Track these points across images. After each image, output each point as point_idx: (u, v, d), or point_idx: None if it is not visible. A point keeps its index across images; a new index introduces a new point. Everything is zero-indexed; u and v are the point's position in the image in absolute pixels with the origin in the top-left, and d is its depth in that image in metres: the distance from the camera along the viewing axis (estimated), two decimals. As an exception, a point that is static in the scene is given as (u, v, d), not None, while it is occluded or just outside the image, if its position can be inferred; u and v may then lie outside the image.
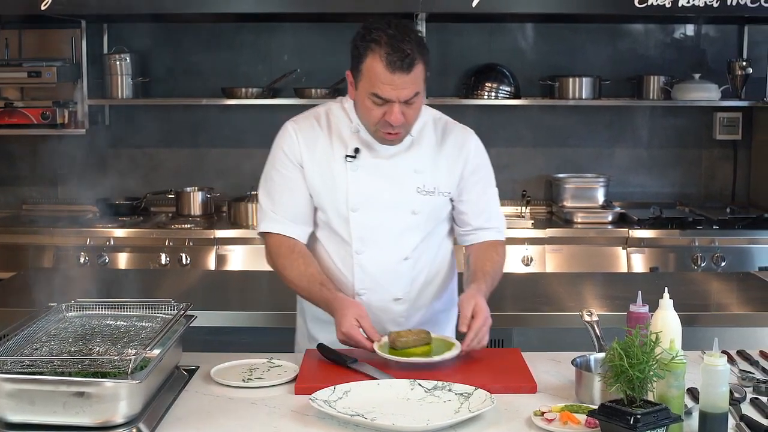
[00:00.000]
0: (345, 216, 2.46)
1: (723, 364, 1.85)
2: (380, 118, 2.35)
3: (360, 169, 2.45)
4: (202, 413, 2.02)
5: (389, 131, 2.37)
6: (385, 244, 2.47)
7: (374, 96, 2.33)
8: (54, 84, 4.73)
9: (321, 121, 2.52)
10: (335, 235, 2.49)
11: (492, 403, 1.97)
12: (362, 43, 2.37)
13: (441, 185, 2.49)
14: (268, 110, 5.10)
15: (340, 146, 2.47)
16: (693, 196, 5.17)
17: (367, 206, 2.45)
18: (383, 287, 2.49)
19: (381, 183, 2.45)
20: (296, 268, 2.47)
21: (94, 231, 4.57)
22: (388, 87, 2.30)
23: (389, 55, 2.29)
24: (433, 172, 2.48)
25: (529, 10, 4.60)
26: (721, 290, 3.52)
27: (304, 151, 2.48)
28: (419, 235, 2.49)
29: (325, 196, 2.47)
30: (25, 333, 2.08)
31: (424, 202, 2.47)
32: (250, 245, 4.53)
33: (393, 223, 2.46)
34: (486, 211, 2.57)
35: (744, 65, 4.85)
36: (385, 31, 2.35)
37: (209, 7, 4.49)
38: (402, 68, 2.28)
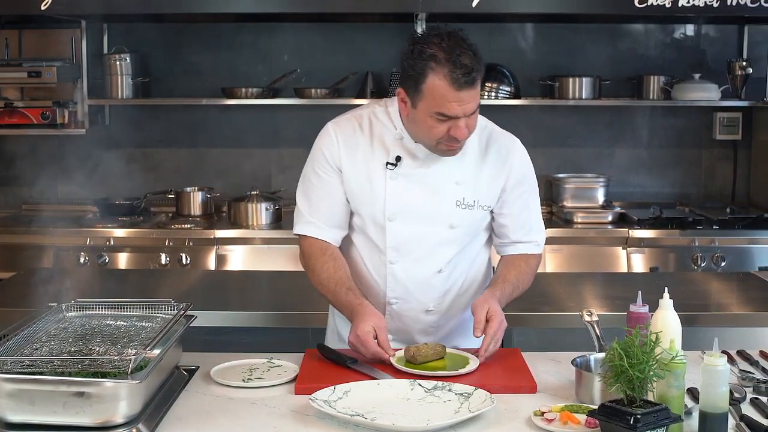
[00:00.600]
0: (381, 224, 2.42)
1: (723, 364, 1.85)
2: (444, 134, 2.27)
3: (400, 178, 2.40)
4: (202, 413, 2.02)
5: (453, 145, 2.31)
6: (420, 255, 2.43)
7: (439, 115, 2.24)
8: (54, 84, 4.73)
9: (363, 125, 2.45)
10: (370, 242, 2.46)
11: (492, 403, 1.97)
12: (419, 62, 2.22)
13: (481, 198, 2.43)
14: (268, 110, 5.10)
15: (381, 152, 2.41)
16: (693, 196, 5.17)
17: (405, 216, 2.40)
18: (415, 298, 2.47)
19: (420, 194, 2.40)
20: (325, 271, 2.43)
21: (94, 231, 4.57)
22: (455, 104, 2.22)
23: (453, 73, 2.19)
24: (474, 184, 2.42)
25: (529, 10, 4.60)
26: (721, 290, 3.52)
27: (343, 154, 2.43)
28: (455, 249, 2.45)
29: (362, 202, 2.43)
30: (25, 333, 2.08)
31: (463, 216, 2.42)
32: (250, 245, 4.54)
33: (429, 235, 2.42)
34: (527, 224, 2.51)
35: (744, 65, 4.85)
36: (440, 45, 2.21)
37: (209, 7, 4.49)
38: (468, 84, 2.20)
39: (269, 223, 4.69)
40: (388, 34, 5.05)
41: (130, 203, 4.96)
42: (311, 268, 2.48)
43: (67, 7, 4.43)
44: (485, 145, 2.46)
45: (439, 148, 2.34)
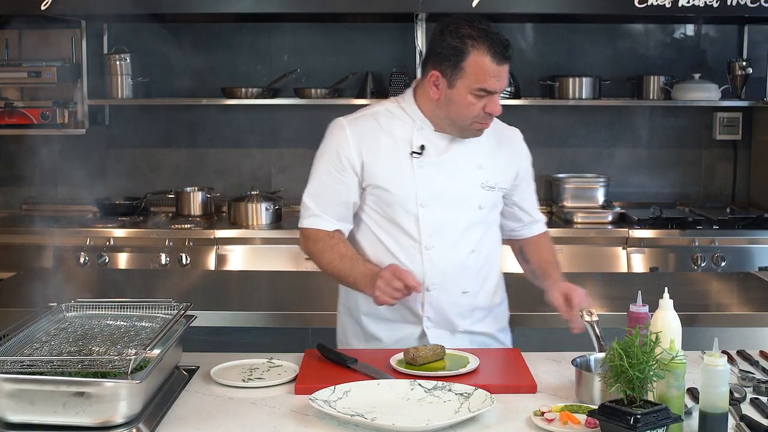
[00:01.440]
0: (414, 212, 2.47)
1: (723, 364, 1.85)
2: (480, 111, 2.38)
3: (426, 166, 2.47)
4: (202, 413, 2.02)
5: (486, 122, 2.43)
6: (454, 239, 2.50)
7: (480, 90, 2.35)
8: (54, 84, 4.73)
9: (381, 120, 2.51)
10: (402, 233, 2.49)
11: (492, 403, 1.97)
12: (460, 41, 2.34)
13: (500, 181, 2.56)
14: (268, 110, 5.11)
15: (404, 144, 2.48)
16: (693, 196, 5.17)
17: (436, 202, 2.47)
18: (452, 281, 2.52)
19: (447, 179, 2.48)
20: (337, 251, 2.49)
21: (94, 231, 4.57)
22: (495, 79, 2.34)
23: (493, 48, 2.33)
24: (493, 167, 2.54)
25: (529, 10, 4.60)
26: (721, 290, 3.52)
27: (364, 150, 2.47)
28: (483, 229, 2.55)
29: (392, 193, 2.47)
30: (25, 333, 2.08)
31: (488, 197, 2.54)
32: (250, 245, 4.54)
33: (461, 218, 2.50)
34: (535, 205, 2.73)
35: (744, 65, 4.85)
36: (472, 26, 2.35)
37: (209, 7, 4.49)
38: (506, 58, 2.35)
39: (269, 223, 4.69)
40: (388, 34, 5.05)
41: (130, 203, 4.96)
42: (319, 251, 2.52)
43: (67, 7, 4.43)
44: (494, 133, 2.56)
45: (472, 128, 2.44)
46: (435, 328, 2.53)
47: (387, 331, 2.56)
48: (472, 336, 2.58)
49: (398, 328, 2.55)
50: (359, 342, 2.62)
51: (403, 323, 2.55)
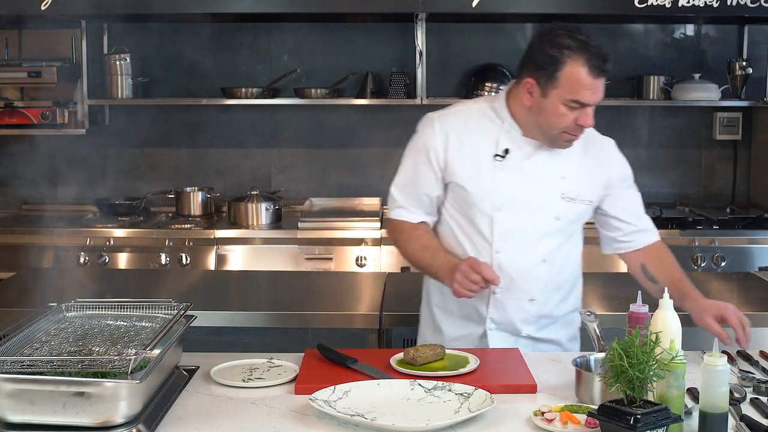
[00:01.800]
0: (489, 214, 2.49)
1: (723, 364, 1.85)
2: (571, 122, 2.37)
3: (508, 170, 2.48)
4: (202, 413, 2.02)
5: (576, 134, 2.42)
6: (525, 245, 2.50)
7: (573, 102, 2.34)
8: (54, 84, 4.73)
9: (471, 119, 2.53)
10: (476, 233, 2.52)
11: (492, 403, 1.97)
12: (557, 50, 2.33)
13: (584, 193, 2.53)
14: (268, 110, 5.11)
15: (489, 145, 2.49)
16: (693, 196, 5.17)
17: (512, 207, 2.48)
18: (519, 287, 2.52)
19: (527, 185, 2.48)
20: (420, 242, 2.54)
21: (94, 231, 4.57)
22: (589, 92, 2.33)
23: (590, 61, 2.31)
24: (578, 179, 2.52)
25: (529, 10, 4.59)
26: (721, 290, 3.51)
27: (449, 147, 2.50)
28: (558, 240, 2.53)
29: (470, 193, 2.50)
30: (25, 333, 2.08)
31: (567, 208, 2.51)
32: (250, 245, 4.54)
33: (535, 226, 2.50)
34: (638, 213, 2.64)
35: (744, 65, 4.85)
36: (572, 37, 2.33)
37: (209, 7, 4.49)
38: (603, 72, 2.33)
39: (269, 223, 4.69)
40: (388, 34, 5.05)
41: (130, 203, 4.96)
42: (404, 241, 2.59)
43: (67, 7, 4.43)
44: (584, 143, 2.54)
45: (561, 138, 2.43)
46: (498, 330, 2.55)
47: (452, 325, 2.61)
48: (536, 343, 2.59)
49: (462, 324, 2.59)
50: (428, 331, 2.68)
51: (467, 321, 2.58)
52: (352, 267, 4.45)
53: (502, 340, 2.56)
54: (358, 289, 3.55)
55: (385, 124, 5.09)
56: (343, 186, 5.14)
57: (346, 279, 3.86)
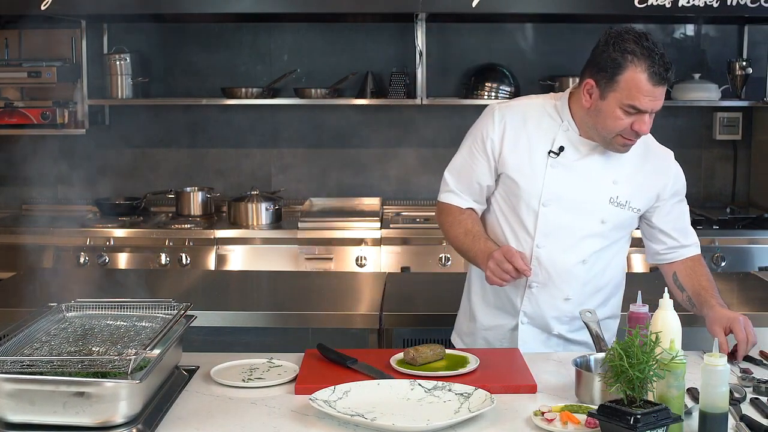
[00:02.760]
0: (535, 209, 2.50)
1: (723, 364, 1.85)
2: (626, 127, 2.36)
3: (560, 167, 2.49)
4: (202, 413, 2.02)
5: (631, 140, 2.41)
6: (567, 244, 2.51)
7: (630, 107, 2.33)
8: (54, 84, 4.73)
9: (531, 114, 2.54)
10: (520, 225, 2.53)
11: (492, 403, 1.97)
12: (620, 54, 2.32)
13: (634, 201, 2.53)
14: (268, 110, 5.11)
15: (545, 141, 2.50)
16: (693, 196, 5.14)
17: (559, 204, 2.49)
18: (555, 285, 2.53)
19: (577, 185, 2.49)
20: (463, 226, 2.56)
21: (94, 231, 4.57)
22: (648, 99, 2.32)
23: (652, 68, 2.29)
24: (630, 185, 2.52)
25: (529, 10, 4.59)
26: (721, 290, 3.49)
27: (505, 139, 2.52)
28: (600, 243, 2.53)
29: (520, 185, 2.51)
30: (25, 333, 2.08)
31: (614, 213, 2.51)
32: (250, 245, 4.54)
33: (579, 226, 2.50)
34: (685, 229, 2.62)
35: (744, 65, 4.85)
36: (638, 42, 2.32)
37: (209, 7, 4.49)
38: (663, 81, 2.31)
39: (269, 223, 4.69)
40: (388, 34, 5.06)
41: (130, 203, 4.96)
42: (449, 224, 2.61)
43: (67, 7, 4.43)
44: (643, 151, 2.55)
45: (615, 142, 2.42)
46: (530, 325, 2.56)
47: (486, 314, 2.63)
48: (567, 343, 2.59)
49: (496, 315, 2.61)
50: (464, 318, 2.71)
51: (501, 311, 2.60)
52: (352, 267, 4.45)
53: (532, 336, 2.57)
54: (358, 289, 3.55)
55: (385, 124, 5.09)
56: (343, 186, 5.15)
57: (346, 279, 3.86)
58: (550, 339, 2.58)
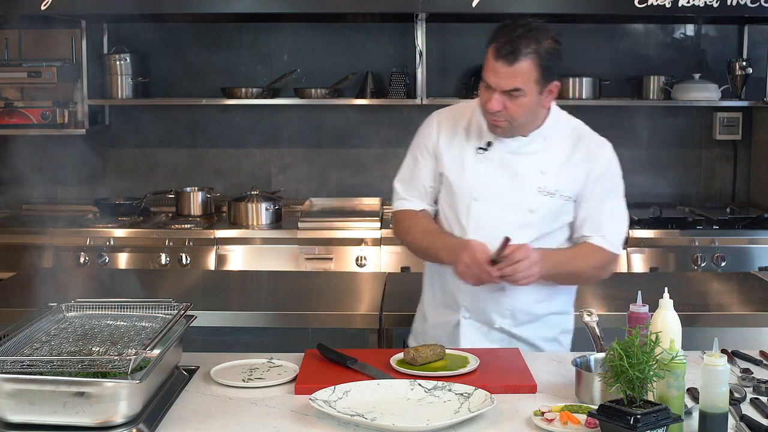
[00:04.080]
0: (467, 204, 2.55)
1: (723, 364, 1.85)
2: (485, 102, 2.44)
3: (488, 162, 2.55)
4: (202, 413, 2.02)
5: (489, 116, 2.46)
6: (499, 236, 2.48)
7: (483, 81, 2.42)
8: (54, 84, 4.73)
9: (466, 114, 2.62)
10: (457, 223, 2.58)
11: (492, 403, 1.97)
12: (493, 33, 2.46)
13: (563, 188, 2.54)
14: (268, 110, 5.11)
15: (476, 138, 2.57)
16: (693, 196, 5.17)
17: (488, 198, 2.54)
18: None
19: (505, 177, 2.54)
20: (420, 226, 2.60)
21: (94, 231, 4.57)
22: (491, 73, 2.39)
23: (499, 44, 2.38)
24: (558, 174, 2.54)
25: (529, 10, 4.58)
26: (721, 290, 3.52)
27: (441, 140, 2.60)
28: (533, 233, 2.53)
29: (454, 183, 2.57)
30: (25, 333, 2.08)
31: (543, 202, 2.53)
32: (250, 245, 4.54)
33: (510, 217, 2.53)
34: (599, 221, 2.55)
35: (744, 65, 4.85)
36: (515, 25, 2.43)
37: (209, 7, 4.49)
38: (505, 57, 2.37)
39: (269, 223, 4.69)
40: (388, 34, 5.06)
41: (130, 203, 4.96)
42: (406, 228, 2.63)
43: (67, 7, 4.43)
44: (575, 142, 2.58)
45: (487, 120, 2.50)
46: (472, 320, 2.58)
47: (435, 313, 2.67)
48: (511, 339, 2.59)
49: (443, 312, 2.64)
50: (419, 318, 2.75)
51: (446, 308, 2.63)
52: (352, 267, 4.45)
53: (475, 330, 2.58)
54: (358, 289, 3.55)
55: (385, 124, 5.09)
56: (343, 186, 5.15)
57: (346, 279, 3.86)
58: (491, 332, 2.59)
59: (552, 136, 2.56)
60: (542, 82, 2.43)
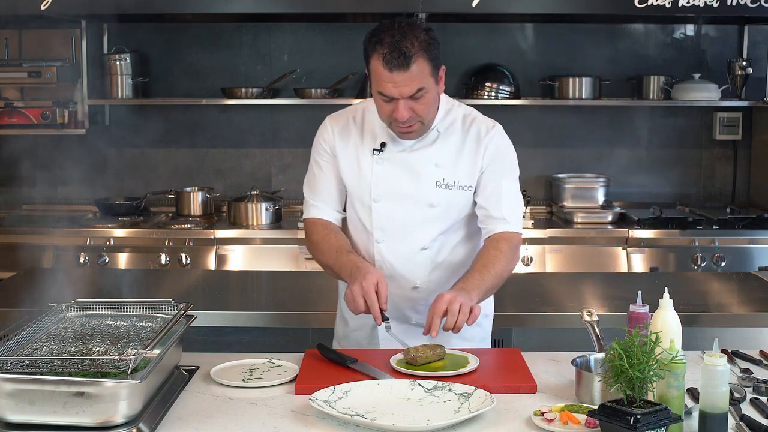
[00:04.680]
0: (368, 206, 2.55)
1: (723, 364, 1.85)
2: (390, 114, 2.40)
3: (385, 162, 2.53)
4: (202, 413, 2.02)
5: (400, 126, 2.42)
6: (404, 234, 2.54)
7: (380, 94, 2.38)
8: (54, 84, 4.73)
9: (357, 117, 2.61)
10: (360, 224, 2.59)
11: (492, 403, 1.97)
12: (368, 45, 2.40)
13: (461, 179, 2.53)
14: (268, 110, 5.11)
15: (370, 140, 2.56)
16: (693, 196, 5.17)
17: (388, 198, 2.53)
18: (402, 275, 2.55)
19: (402, 176, 2.53)
20: (327, 242, 2.56)
21: (94, 231, 4.57)
22: (390, 85, 2.34)
23: (386, 55, 2.32)
24: (454, 166, 2.53)
25: (529, 10, 4.60)
26: (721, 290, 3.52)
27: (338, 143, 2.59)
28: (438, 227, 2.54)
29: (352, 186, 2.57)
30: (25, 333, 2.08)
31: (442, 195, 2.52)
32: (250, 245, 4.54)
33: (411, 214, 2.53)
34: (495, 199, 2.53)
35: (744, 65, 4.85)
36: (388, 31, 2.37)
37: (209, 7, 4.49)
38: (399, 66, 2.32)
39: (269, 223, 4.69)
40: (388, 34, 5.05)
41: (130, 203, 4.96)
42: (314, 243, 2.60)
43: (67, 7, 4.43)
44: (467, 129, 2.56)
45: (393, 129, 2.47)
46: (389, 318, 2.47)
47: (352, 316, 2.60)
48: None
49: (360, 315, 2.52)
50: (339, 322, 2.72)
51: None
52: (352, 267, 4.45)
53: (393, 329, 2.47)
54: (358, 289, 3.54)
55: (385, 124, 5.09)
56: (343, 186, 5.14)
57: (346, 279, 3.85)
58: (410, 329, 2.56)
59: (443, 125, 2.54)
60: (435, 72, 2.39)
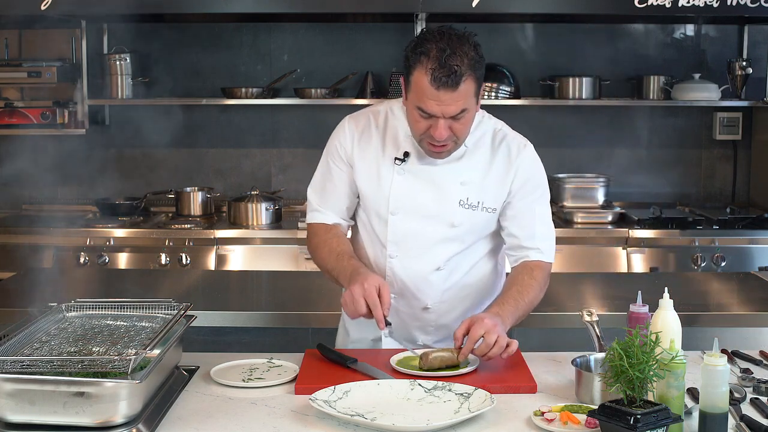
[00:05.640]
0: (384, 218, 2.43)
1: (723, 364, 1.85)
2: (425, 130, 2.28)
3: (407, 174, 2.41)
4: (202, 413, 2.02)
5: (434, 144, 2.30)
6: (419, 252, 2.43)
7: (420, 110, 2.25)
8: (54, 84, 4.73)
9: (379, 120, 2.47)
10: (373, 236, 2.48)
11: (492, 403, 1.97)
12: (413, 54, 2.24)
13: (487, 200, 2.41)
14: (268, 110, 5.11)
15: (392, 147, 2.43)
16: (693, 196, 5.17)
17: (407, 211, 2.41)
18: (413, 294, 2.46)
19: (424, 190, 2.41)
20: (328, 246, 2.45)
21: (94, 231, 4.57)
22: (433, 102, 2.21)
23: (435, 71, 2.18)
24: (480, 185, 2.41)
25: (529, 10, 4.60)
26: (721, 290, 3.52)
27: (356, 148, 2.45)
28: (456, 248, 2.43)
29: (369, 195, 2.45)
30: (25, 333, 2.08)
31: (465, 216, 2.41)
32: (250, 245, 4.54)
33: (430, 232, 2.41)
34: (529, 228, 2.43)
35: (744, 65, 4.85)
36: (436, 43, 2.21)
37: (209, 7, 4.49)
38: (448, 85, 2.19)
39: (269, 223, 4.69)
40: (388, 34, 5.06)
41: (130, 203, 4.96)
42: (315, 246, 2.50)
43: (67, 7, 4.43)
44: (496, 147, 2.44)
45: (423, 146, 2.35)
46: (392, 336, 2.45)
47: (355, 327, 2.56)
48: None
49: (362, 327, 2.52)
50: (341, 332, 2.65)
51: (366, 324, 2.44)
52: (352, 267, 4.45)
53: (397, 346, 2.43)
54: (358, 289, 3.54)
55: (385, 124, 5.09)
56: (343, 186, 5.14)
57: (346, 279, 3.85)
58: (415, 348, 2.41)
59: (471, 140, 2.41)
60: (478, 92, 2.29)
